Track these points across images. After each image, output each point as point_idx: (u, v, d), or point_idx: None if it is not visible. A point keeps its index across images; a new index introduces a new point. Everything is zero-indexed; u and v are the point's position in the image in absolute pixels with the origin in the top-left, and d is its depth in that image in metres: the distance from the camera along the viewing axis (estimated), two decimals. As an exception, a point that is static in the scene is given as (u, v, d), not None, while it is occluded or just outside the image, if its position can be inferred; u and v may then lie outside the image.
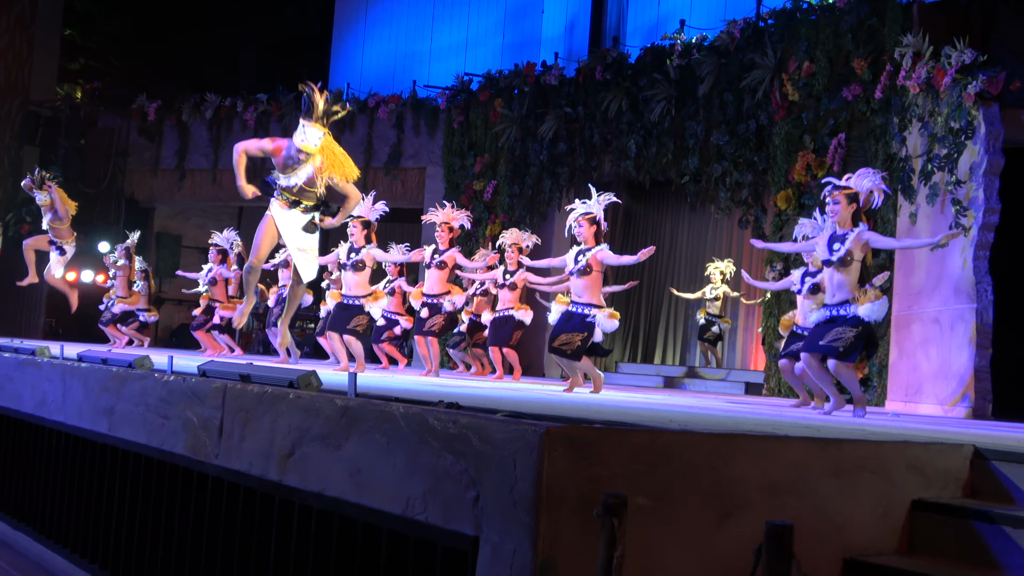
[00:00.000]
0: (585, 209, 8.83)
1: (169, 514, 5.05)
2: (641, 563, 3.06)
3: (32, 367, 6.81)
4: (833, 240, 7.41)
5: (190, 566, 4.83)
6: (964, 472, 3.99)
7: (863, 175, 7.63)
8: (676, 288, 16.78)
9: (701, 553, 3.21)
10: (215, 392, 4.70)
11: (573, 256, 8.73)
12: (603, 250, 8.63)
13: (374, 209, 10.37)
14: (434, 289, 10.97)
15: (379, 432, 3.65)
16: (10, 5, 25.76)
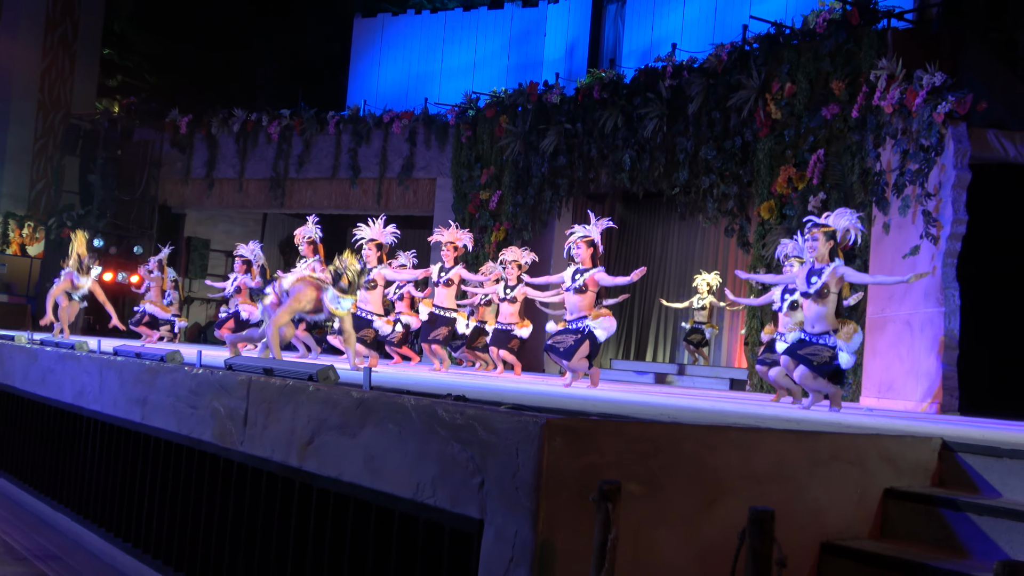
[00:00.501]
0: (583, 232, 8.91)
1: (197, 497, 5.05)
2: (633, 545, 3.06)
3: (72, 360, 6.82)
4: (811, 273, 7.41)
5: (216, 544, 4.84)
6: (933, 463, 3.99)
7: (841, 214, 7.58)
8: (665, 295, 16.81)
9: (689, 536, 3.22)
10: (240, 384, 4.70)
11: (571, 274, 8.83)
12: (600, 271, 8.79)
13: (386, 232, 10.38)
14: (442, 303, 11.02)
15: (392, 422, 3.65)
16: (54, 27, 25.82)
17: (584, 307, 8.73)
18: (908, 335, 9.62)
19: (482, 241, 16.01)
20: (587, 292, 8.70)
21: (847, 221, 7.49)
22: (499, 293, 11.15)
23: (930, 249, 9.39)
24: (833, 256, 7.37)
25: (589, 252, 8.79)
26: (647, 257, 17.37)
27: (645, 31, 17.56)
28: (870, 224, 10.58)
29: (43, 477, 7.20)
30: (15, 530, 6.55)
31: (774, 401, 8.81)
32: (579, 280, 8.69)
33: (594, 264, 8.78)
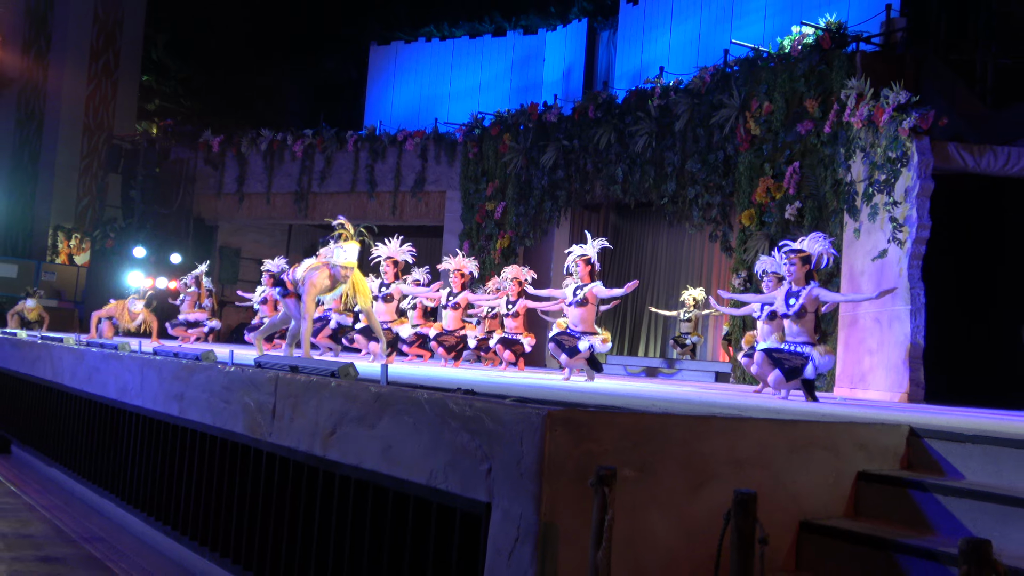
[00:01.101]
0: (581, 252, 8.97)
1: (230, 484, 5.05)
2: (628, 525, 3.06)
3: (115, 360, 6.82)
4: (789, 295, 7.41)
5: (248, 527, 4.84)
6: (901, 448, 3.98)
7: (815, 239, 7.54)
8: (655, 296, 16.79)
9: (679, 516, 3.21)
10: (269, 381, 4.70)
11: (572, 290, 8.90)
12: (597, 285, 8.85)
13: (403, 251, 10.41)
14: (450, 326, 11.05)
15: (407, 414, 3.64)
16: (97, 57, 25.89)
17: (585, 319, 8.76)
18: (877, 331, 9.61)
19: (488, 248, 16.02)
20: (587, 305, 8.76)
21: (820, 247, 7.47)
22: (502, 309, 11.16)
23: (897, 252, 9.38)
24: (808, 279, 7.37)
25: (587, 269, 8.87)
26: (639, 261, 17.35)
27: (635, 55, 17.56)
28: (842, 229, 10.57)
29: (90, 467, 7.20)
30: (66, 516, 6.55)
31: (756, 392, 8.78)
32: (579, 295, 8.76)
33: (592, 279, 8.85)
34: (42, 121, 25.42)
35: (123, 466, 6.54)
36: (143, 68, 27.46)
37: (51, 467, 8.05)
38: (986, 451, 3.74)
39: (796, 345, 7.32)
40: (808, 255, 7.41)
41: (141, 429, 6.27)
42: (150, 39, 27.68)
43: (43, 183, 25.13)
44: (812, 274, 7.41)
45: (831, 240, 7.69)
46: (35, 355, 8.81)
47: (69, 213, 25.15)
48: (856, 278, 10.18)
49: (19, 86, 25.69)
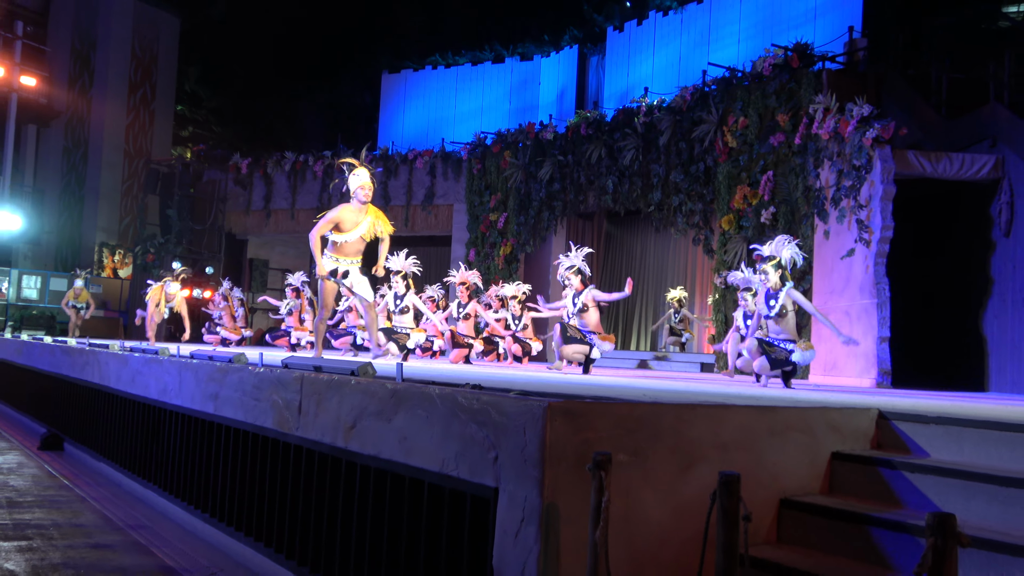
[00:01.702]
0: (569, 263, 8.85)
1: (261, 474, 5.03)
2: (623, 505, 3.04)
3: (156, 363, 6.81)
4: (769, 297, 7.38)
5: (278, 513, 4.82)
6: (871, 430, 3.96)
7: (781, 243, 7.48)
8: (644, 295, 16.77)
9: (669, 496, 3.19)
10: (295, 380, 4.69)
11: (571, 300, 8.78)
12: (592, 289, 8.76)
13: (409, 264, 10.42)
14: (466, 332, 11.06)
15: (420, 408, 3.63)
16: (135, 90, 25.94)
17: (591, 323, 8.69)
18: (848, 322, 9.58)
19: (492, 255, 16.02)
20: (588, 311, 8.69)
21: (790, 252, 7.43)
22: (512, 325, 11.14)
23: (863, 251, 9.36)
24: (784, 281, 7.33)
25: (578, 278, 8.78)
26: (629, 264, 17.33)
27: (622, 77, 17.55)
28: (813, 231, 10.55)
29: (135, 461, 7.19)
30: (113, 505, 6.54)
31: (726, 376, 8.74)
32: (578, 303, 8.68)
33: (585, 286, 8.76)
34: (87, 149, 25.47)
35: (164, 460, 6.53)
36: (177, 99, 27.52)
37: (100, 462, 8.05)
38: (948, 431, 3.72)
39: (781, 341, 7.31)
40: (779, 260, 7.38)
41: (180, 426, 6.26)
42: (183, 72, 27.75)
43: (89, 205, 25.17)
44: (787, 276, 7.37)
45: (797, 241, 7.66)
46: (84, 361, 8.81)
47: (113, 231, 25.19)
48: (827, 275, 10.15)
49: (66, 118, 25.76)
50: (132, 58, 25.95)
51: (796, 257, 7.44)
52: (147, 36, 26.30)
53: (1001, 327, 9.25)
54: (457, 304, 11.17)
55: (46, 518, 5.92)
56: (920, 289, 10.21)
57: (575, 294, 8.77)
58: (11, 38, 24.88)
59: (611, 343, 8.74)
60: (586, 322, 8.70)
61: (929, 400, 5.56)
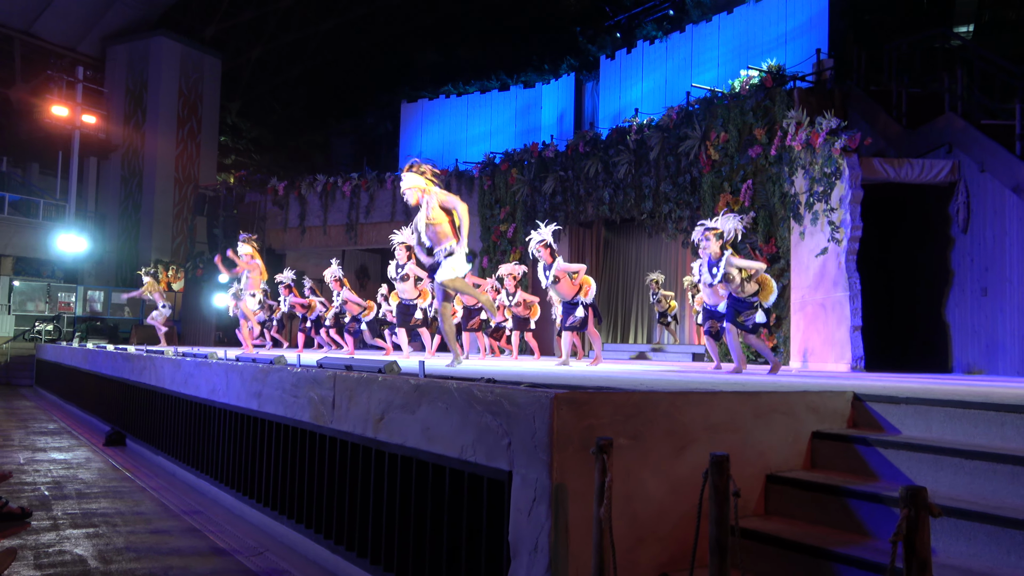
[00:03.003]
0: (539, 237, 8.56)
1: (301, 463, 5.02)
2: (624, 484, 3.00)
3: (205, 366, 6.81)
4: (711, 266, 7.22)
5: (317, 498, 4.80)
6: (847, 411, 3.91)
7: (727, 218, 7.34)
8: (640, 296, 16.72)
9: (666, 476, 3.15)
10: (329, 378, 4.67)
11: (543, 274, 8.55)
12: (559, 262, 8.48)
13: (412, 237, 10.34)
14: (468, 301, 10.93)
15: (441, 401, 3.60)
16: (183, 124, 26.05)
17: (566, 290, 8.51)
18: (823, 314, 9.51)
19: (503, 261, 15.96)
20: (561, 281, 8.46)
21: (732, 223, 7.29)
22: (504, 302, 11.02)
23: (835, 249, 9.29)
24: (723, 250, 7.18)
25: (547, 252, 8.48)
26: (626, 267, 17.26)
27: (615, 100, 17.51)
28: (789, 233, 10.48)
29: (188, 454, 7.19)
30: (170, 494, 6.53)
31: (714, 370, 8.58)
32: (550, 275, 8.44)
33: (553, 259, 8.47)
34: (141, 178, 25.59)
35: (215, 452, 6.52)
36: (220, 131, 27.63)
37: (158, 455, 8.05)
38: (917, 410, 3.66)
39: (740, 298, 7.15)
40: (721, 231, 7.22)
41: (228, 421, 6.25)
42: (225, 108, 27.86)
43: (144, 227, 25.28)
44: (726, 246, 7.21)
45: (740, 217, 7.50)
46: (142, 366, 8.82)
47: (166, 249, 25.30)
48: (803, 272, 10.08)
49: (122, 151, 25.89)
50: (179, 96, 26.07)
51: (737, 229, 7.27)
52: (192, 76, 26.42)
53: (962, 314, 9.17)
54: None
55: (111, 507, 5.92)
56: (888, 282, 10.13)
57: (546, 267, 8.50)
58: (73, 82, 25.05)
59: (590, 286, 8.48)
60: (562, 291, 8.52)
61: (899, 382, 5.50)
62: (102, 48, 26.74)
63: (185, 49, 26.33)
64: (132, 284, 24.26)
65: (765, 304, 7.07)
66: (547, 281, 8.48)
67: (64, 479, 7.01)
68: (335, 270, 11.92)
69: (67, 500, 6.11)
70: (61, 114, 24.35)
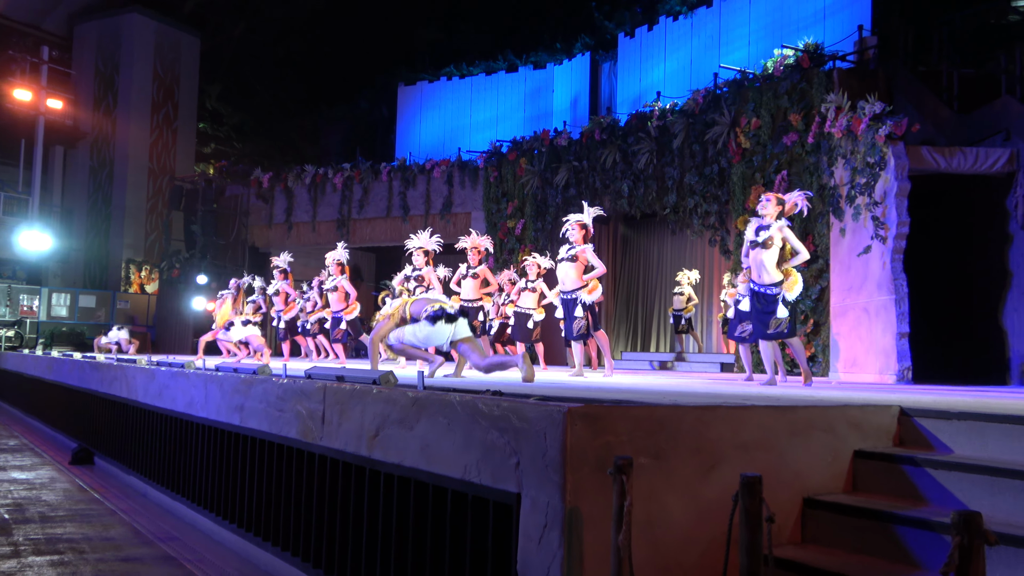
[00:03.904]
0: (577, 217, 8.62)
1: (287, 484, 5.02)
2: (645, 508, 3.00)
3: (182, 377, 6.83)
4: (760, 229, 7.26)
5: (305, 522, 4.81)
6: (893, 427, 3.89)
7: (793, 191, 7.51)
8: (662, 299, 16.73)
9: (691, 499, 3.14)
10: (318, 390, 4.68)
11: (565, 251, 8.55)
12: (589, 249, 8.46)
13: (431, 241, 10.53)
14: (469, 296, 11.03)
15: (442, 416, 3.60)
16: (158, 109, 26.16)
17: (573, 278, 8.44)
18: (866, 319, 9.48)
19: (510, 261, 15.98)
20: (577, 262, 8.41)
21: (797, 195, 7.37)
22: (519, 284, 11.11)
23: (880, 248, 9.26)
24: (778, 217, 7.23)
25: (582, 233, 8.49)
26: (647, 267, 17.25)
27: (634, 83, 17.50)
28: (828, 230, 10.46)
29: (164, 473, 7.21)
30: (143, 518, 6.55)
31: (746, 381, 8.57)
32: (571, 252, 8.44)
33: (585, 243, 8.48)
34: (112, 169, 25.70)
35: (192, 472, 6.54)
36: (199, 117, 27.74)
37: (129, 475, 8.07)
38: (971, 426, 3.65)
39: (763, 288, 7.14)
40: (782, 198, 7.29)
41: (207, 438, 6.27)
42: (204, 91, 27.97)
43: (115, 223, 25.39)
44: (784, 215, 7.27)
45: (807, 193, 7.56)
46: (112, 376, 8.85)
47: (139, 248, 25.40)
48: (844, 273, 10.06)
49: (91, 139, 26.01)
50: (154, 79, 26.18)
51: (800, 203, 7.34)
52: (168, 57, 26.53)
53: (1021, 320, 9.12)
54: (467, 266, 11.11)
55: (77, 532, 5.94)
56: (938, 284, 10.09)
57: (571, 246, 8.51)
58: (37, 63, 25.17)
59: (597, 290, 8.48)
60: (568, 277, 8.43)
61: (951, 395, 5.48)
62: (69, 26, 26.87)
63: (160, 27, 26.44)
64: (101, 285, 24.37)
65: (788, 296, 7.08)
66: (564, 255, 8.47)
67: (26, 501, 7.03)
68: (340, 253, 12.01)
69: (29, 524, 6.13)
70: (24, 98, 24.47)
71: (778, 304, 7.08)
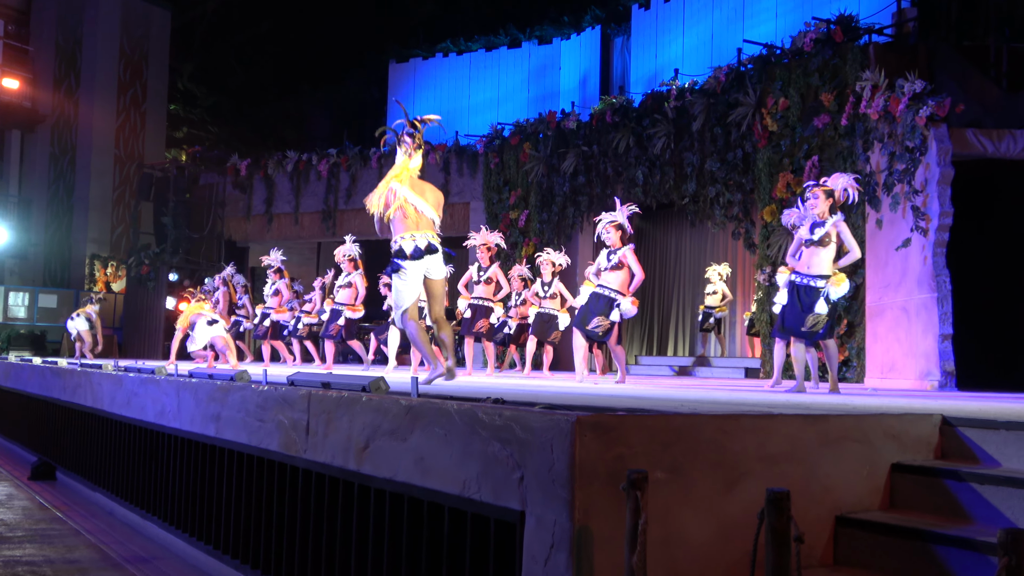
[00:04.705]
0: (611, 217, 8.85)
1: (268, 501, 5.04)
2: (662, 528, 3.01)
3: (152, 384, 6.84)
4: (815, 225, 7.32)
5: (287, 543, 4.82)
6: (934, 438, 3.89)
7: (838, 176, 7.55)
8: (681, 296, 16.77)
9: (712, 517, 3.15)
10: (302, 398, 4.69)
11: (604, 257, 8.76)
12: (629, 251, 8.69)
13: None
14: (481, 295, 11.08)
15: (438, 426, 3.61)
16: (125, 90, 26.17)
17: (619, 283, 8.61)
18: (905, 320, 9.48)
19: (513, 256, 16.00)
20: (623, 268, 8.65)
21: (844, 181, 7.45)
22: (539, 292, 11.16)
23: (920, 241, 9.26)
24: (833, 211, 7.30)
25: (619, 234, 8.76)
26: (664, 262, 17.27)
27: (650, 59, 17.50)
28: (864, 221, 10.46)
29: (132, 490, 7.23)
30: (110, 539, 6.57)
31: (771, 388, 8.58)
32: (613, 259, 8.66)
33: (623, 244, 8.73)
34: (75, 155, 25.72)
35: (164, 487, 6.56)
36: (170, 97, 27.75)
37: (95, 492, 8.10)
38: (1021, 437, 3.65)
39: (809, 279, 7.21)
40: (831, 189, 7.36)
41: (180, 450, 6.29)
42: (176, 70, 27.98)
43: (78, 214, 25.41)
44: (836, 208, 7.36)
45: (855, 176, 7.64)
46: (75, 382, 8.88)
47: (104, 242, 25.41)
48: (881, 269, 10.06)
49: (52, 122, 26.02)
50: (121, 56, 26.19)
51: (851, 188, 7.42)
52: (136, 32, 26.54)
53: (1076, 320, 9.13)
54: (477, 267, 11.19)
55: (38, 554, 5.96)
56: (985, 281, 10.08)
57: (611, 251, 8.72)
58: (-9, 38, 25.19)
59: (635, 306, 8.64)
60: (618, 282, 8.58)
61: (999, 403, 5.48)
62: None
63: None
64: (63, 283, 24.41)
65: (832, 293, 7.09)
66: (607, 264, 8.65)
67: (-18, 520, 7.06)
68: (350, 248, 12.06)
69: (-14, 545, 6.15)
70: (-23, 78, 24.50)
71: (819, 299, 7.10)
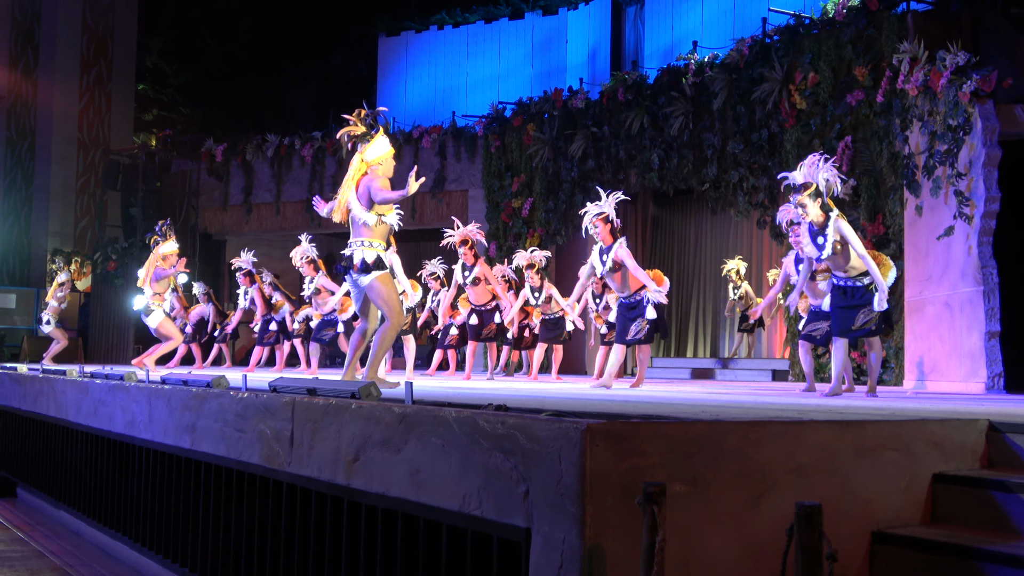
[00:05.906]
0: (598, 210, 8.57)
1: (249, 519, 5.05)
2: (681, 545, 3.01)
3: (121, 391, 6.85)
4: (815, 236, 7.18)
5: (271, 564, 4.83)
6: (980, 445, 3.90)
7: (813, 166, 7.17)
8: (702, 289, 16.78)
9: (737, 534, 3.16)
10: (285, 406, 4.70)
11: (598, 258, 8.54)
12: (622, 248, 8.42)
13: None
14: (479, 302, 11.05)
15: (435, 435, 3.62)
16: (88, 68, 26.16)
17: (630, 281, 8.48)
18: (948, 316, 9.48)
19: (517, 248, 16.00)
20: (621, 269, 8.42)
21: (826, 174, 7.12)
22: (531, 300, 11.11)
23: (964, 229, 9.26)
24: (827, 211, 7.11)
25: (607, 228, 8.46)
26: (682, 254, 17.27)
27: (665, 31, 17.49)
28: (902, 207, 10.46)
29: (101, 507, 7.25)
30: (77, 562, 6.59)
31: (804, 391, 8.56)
32: (607, 261, 8.40)
33: (614, 238, 8.44)
34: (34, 140, 25.73)
35: (135, 505, 6.57)
36: (138, 76, 27.72)
37: (59, 509, 8.12)
38: (1076, 444, 3.66)
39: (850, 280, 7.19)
40: (815, 187, 7.09)
41: (152, 464, 6.30)
42: (144, 45, 27.95)
43: (38, 205, 25.41)
44: (828, 204, 7.13)
45: (823, 155, 7.35)
46: (37, 390, 8.90)
47: (67, 236, 25.42)
48: (921, 260, 10.06)
49: (7, 105, 26.01)
50: (84, 30, 26.19)
51: (833, 180, 7.16)
52: (101, 3, 26.54)
53: None
54: (461, 267, 10.84)
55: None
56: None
57: (602, 249, 8.49)
58: (-59, 12, 25.20)
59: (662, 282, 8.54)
60: (624, 283, 8.44)
61: (1050, 407, 5.48)
62: (-20, -33, 26.90)
63: (90, -32, 26.45)
64: (22, 282, 24.44)
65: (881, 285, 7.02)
66: (603, 268, 8.48)
67: (-64, 542, 7.08)
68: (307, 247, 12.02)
69: (-60, 569, 6.17)
70: (-74, 56, 24.53)
71: (872, 295, 7.06)
